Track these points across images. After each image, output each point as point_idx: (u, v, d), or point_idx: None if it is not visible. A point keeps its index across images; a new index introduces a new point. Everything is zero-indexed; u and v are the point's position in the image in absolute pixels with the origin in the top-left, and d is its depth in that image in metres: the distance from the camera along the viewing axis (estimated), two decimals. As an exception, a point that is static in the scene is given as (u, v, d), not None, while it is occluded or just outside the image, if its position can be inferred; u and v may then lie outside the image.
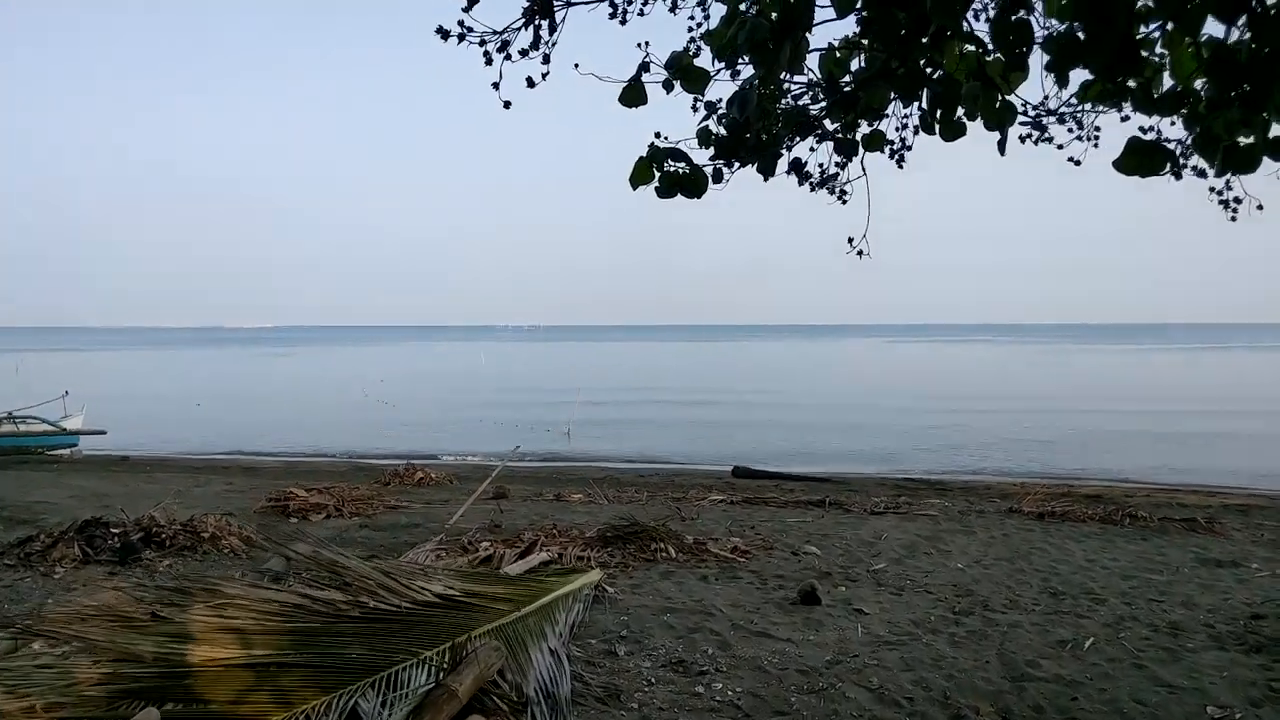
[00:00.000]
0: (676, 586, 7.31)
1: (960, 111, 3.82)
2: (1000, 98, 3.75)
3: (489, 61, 3.37)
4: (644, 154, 3.95)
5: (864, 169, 4.33)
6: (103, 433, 22.87)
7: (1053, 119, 4.52)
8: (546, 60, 3.60)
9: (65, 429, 22.00)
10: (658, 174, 3.98)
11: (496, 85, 3.41)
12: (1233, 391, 44.98)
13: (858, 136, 4.48)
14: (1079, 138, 4.84)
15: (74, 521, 8.79)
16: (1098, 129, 4.82)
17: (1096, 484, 19.64)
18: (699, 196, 4.09)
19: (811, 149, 4.54)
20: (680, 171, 4.00)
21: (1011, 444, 26.71)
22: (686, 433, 29.89)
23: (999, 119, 3.73)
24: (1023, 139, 4.20)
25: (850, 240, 4.42)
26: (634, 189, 3.95)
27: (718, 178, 4.17)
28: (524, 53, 3.55)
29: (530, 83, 3.62)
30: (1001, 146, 3.76)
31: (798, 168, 4.62)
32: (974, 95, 3.66)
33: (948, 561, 8.78)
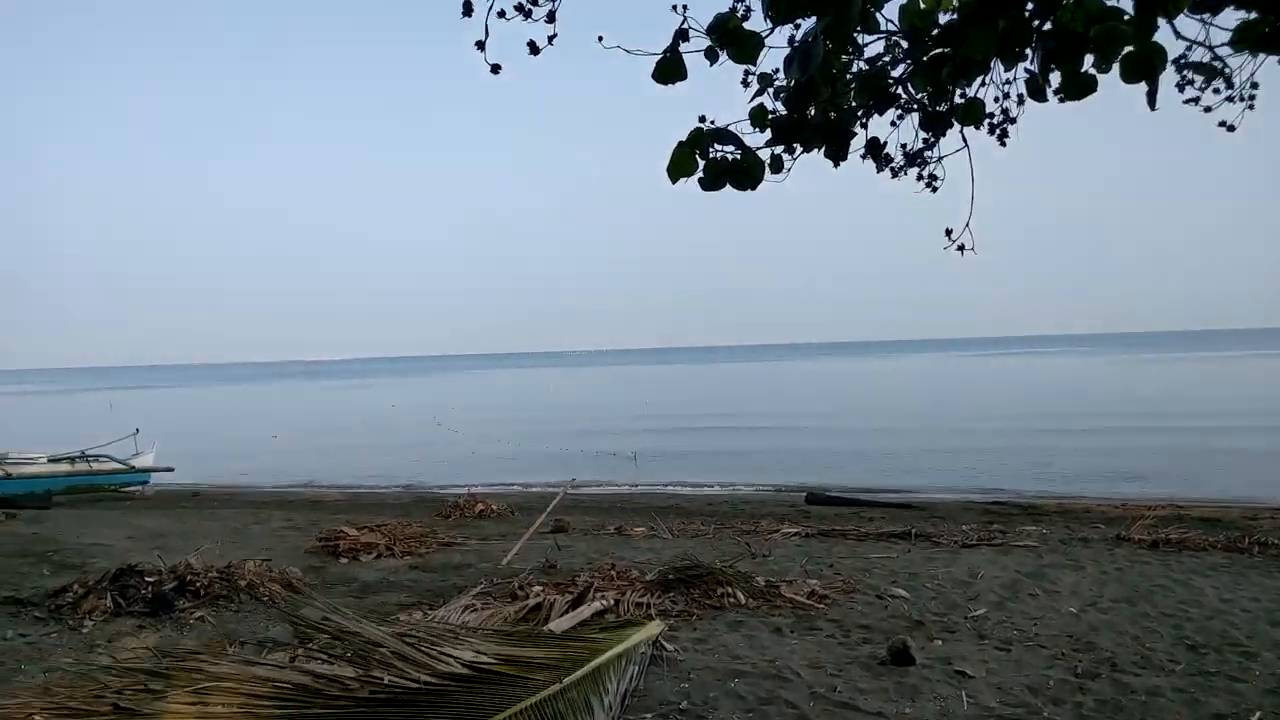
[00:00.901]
0: (746, 641, 6.45)
1: (1089, 61, 2.94)
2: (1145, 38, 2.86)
3: (468, 11, 2.65)
4: (684, 139, 3.19)
5: (964, 139, 3.49)
6: (170, 469, 22.96)
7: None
8: (552, 19, 2.87)
9: (134, 466, 22.10)
10: (702, 162, 3.21)
11: (481, 45, 2.69)
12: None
13: (949, 107, 3.64)
14: (1230, 97, 3.90)
15: (109, 570, 8.34)
16: (1255, 86, 3.88)
17: (1208, 505, 18.00)
18: (753, 187, 3.30)
19: (893, 123, 3.73)
20: (729, 158, 3.22)
21: (1105, 462, 25.00)
22: (756, 457, 28.85)
23: (1146, 65, 2.82)
24: (1181, 85, 3.28)
25: (949, 233, 3.59)
26: (673, 181, 3.19)
27: (776, 166, 3.37)
28: (523, 9, 2.82)
29: (533, 48, 2.90)
30: (1152, 99, 2.88)
31: (875, 149, 3.81)
32: (1113, 36, 2.76)
33: (1057, 604, 7.73)
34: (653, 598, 7.74)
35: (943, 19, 3.36)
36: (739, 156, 3.16)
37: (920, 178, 3.86)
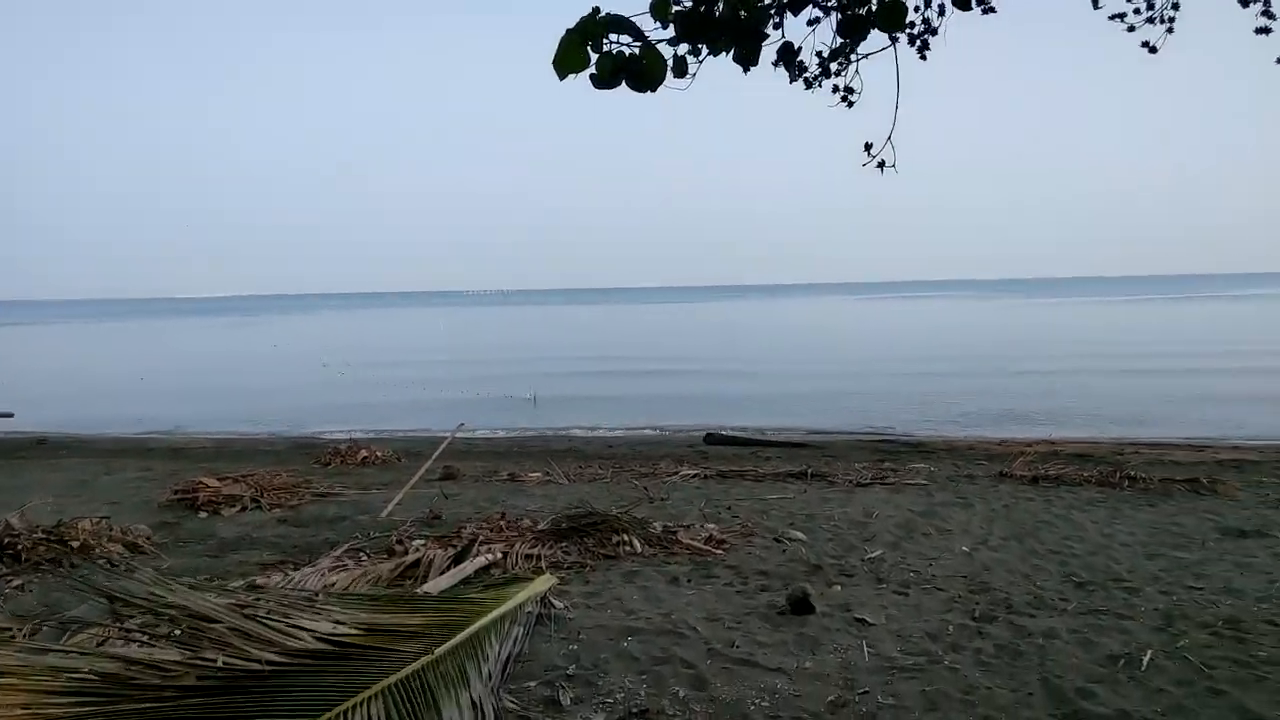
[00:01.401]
0: (641, 593, 6.14)
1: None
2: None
3: None
4: (573, 26, 2.69)
5: (893, 40, 3.09)
6: (9, 415, 21.01)
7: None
8: None
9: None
10: (594, 55, 2.72)
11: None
12: (1208, 343, 44.64)
13: (868, 10, 3.23)
14: (1151, 19, 3.68)
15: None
16: (1176, 8, 3.64)
17: (1081, 441, 18.75)
18: (652, 89, 2.81)
19: (810, 22, 3.31)
20: (626, 52, 2.73)
21: (987, 401, 25.84)
22: (656, 399, 28.70)
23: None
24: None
25: (869, 148, 3.21)
26: (560, 77, 2.67)
27: (680, 69, 2.89)
28: None
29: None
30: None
31: (788, 54, 3.38)
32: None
33: (950, 544, 7.72)
34: (544, 549, 7.36)
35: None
36: (638, 52, 2.68)
37: (836, 89, 3.46)
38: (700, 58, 2.97)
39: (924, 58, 3.59)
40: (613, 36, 2.68)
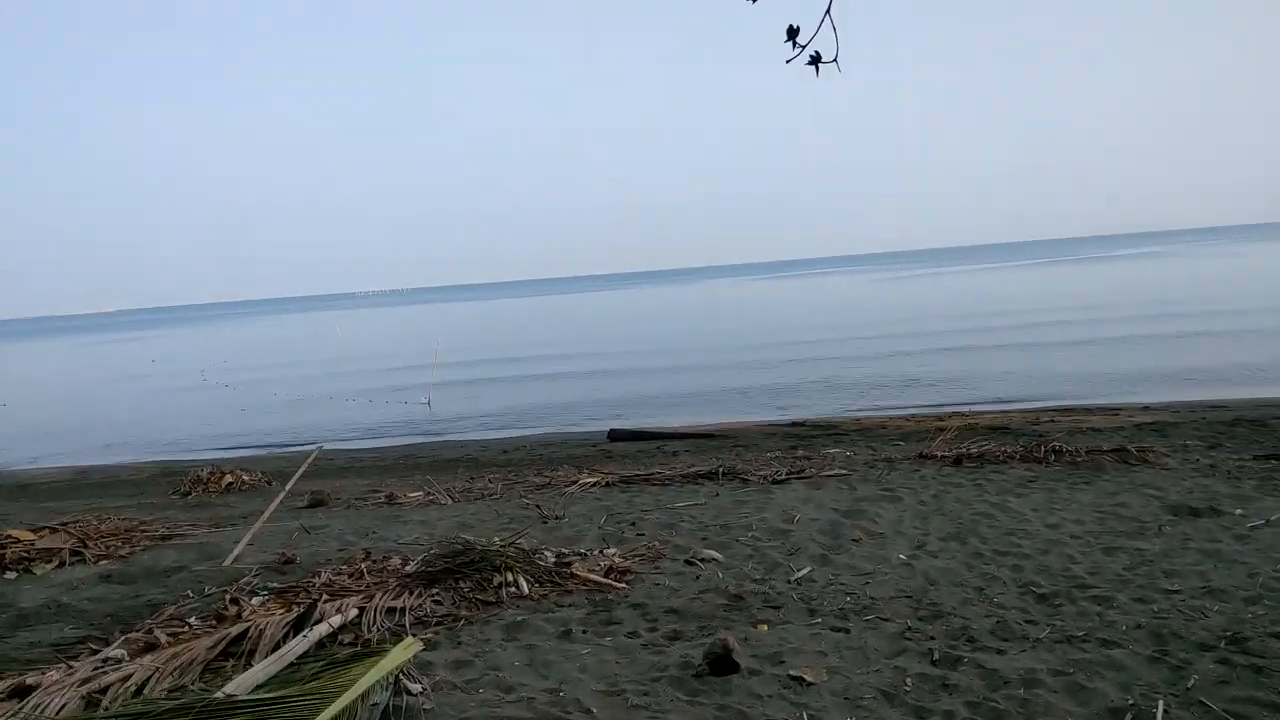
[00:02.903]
0: (525, 655, 4.94)
1: None
2: None
3: None
4: None
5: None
6: None
7: None
8: None
9: None
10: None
11: None
12: (1086, 302, 45.77)
13: None
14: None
15: None
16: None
17: (993, 412, 18.35)
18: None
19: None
20: None
21: (886, 376, 25.50)
22: (558, 393, 27.46)
23: None
24: None
25: (793, 34, 2.07)
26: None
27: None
28: None
29: None
30: None
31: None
32: None
33: (885, 550, 6.76)
34: (410, 599, 6.09)
35: None
36: None
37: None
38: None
39: None
40: None
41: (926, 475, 10.12)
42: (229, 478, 14.33)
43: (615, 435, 17.35)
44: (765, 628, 5.16)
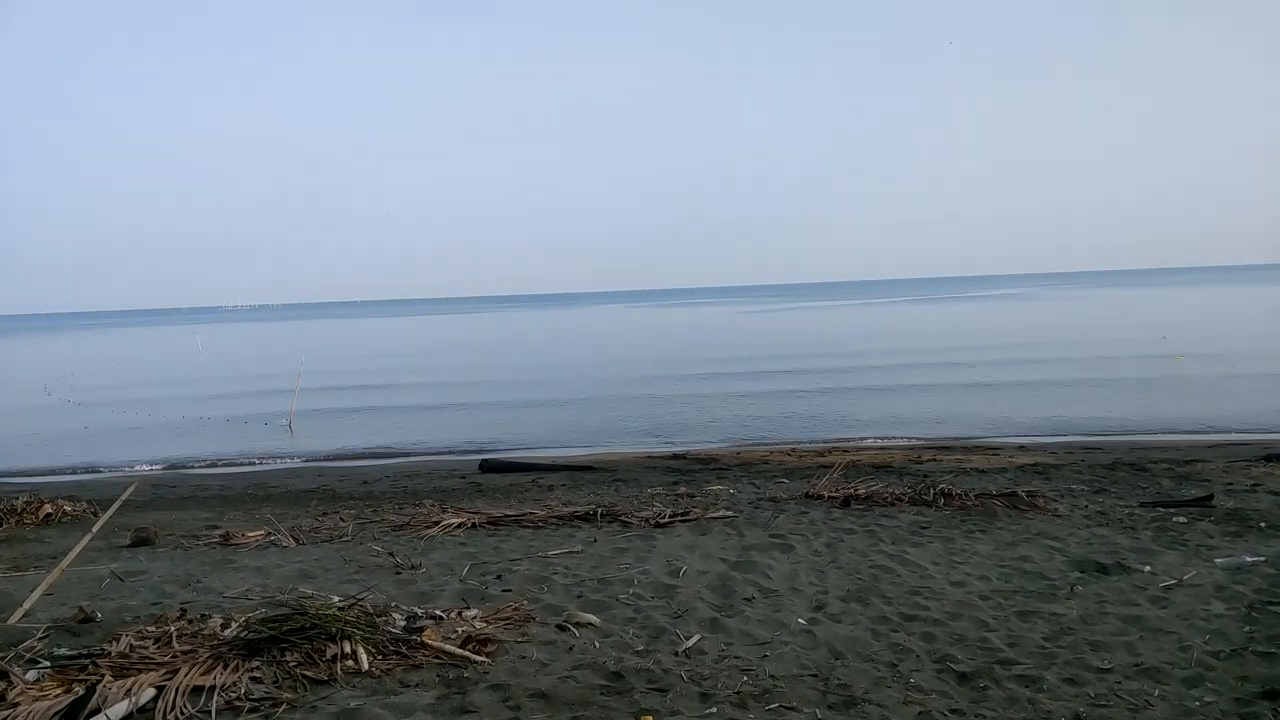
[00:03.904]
0: (353, 764, 3.97)
1: None
2: None
3: None
4: None
5: None
6: None
7: None
8: None
9: None
10: None
11: None
12: (958, 340, 47.33)
13: None
14: None
15: None
16: None
17: (872, 447, 18.21)
18: None
19: None
20: None
21: (765, 407, 25.31)
22: (431, 418, 26.10)
23: None
24: None
25: None
26: None
27: None
28: None
29: None
30: None
31: None
32: None
33: (782, 613, 6.05)
34: (224, 674, 4.99)
35: None
36: None
37: None
38: None
39: None
40: None
41: (815, 519, 9.58)
42: (48, 508, 12.57)
43: (487, 466, 16.29)
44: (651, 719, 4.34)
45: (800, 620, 5.88)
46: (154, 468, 19.56)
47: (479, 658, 5.27)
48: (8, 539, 11.14)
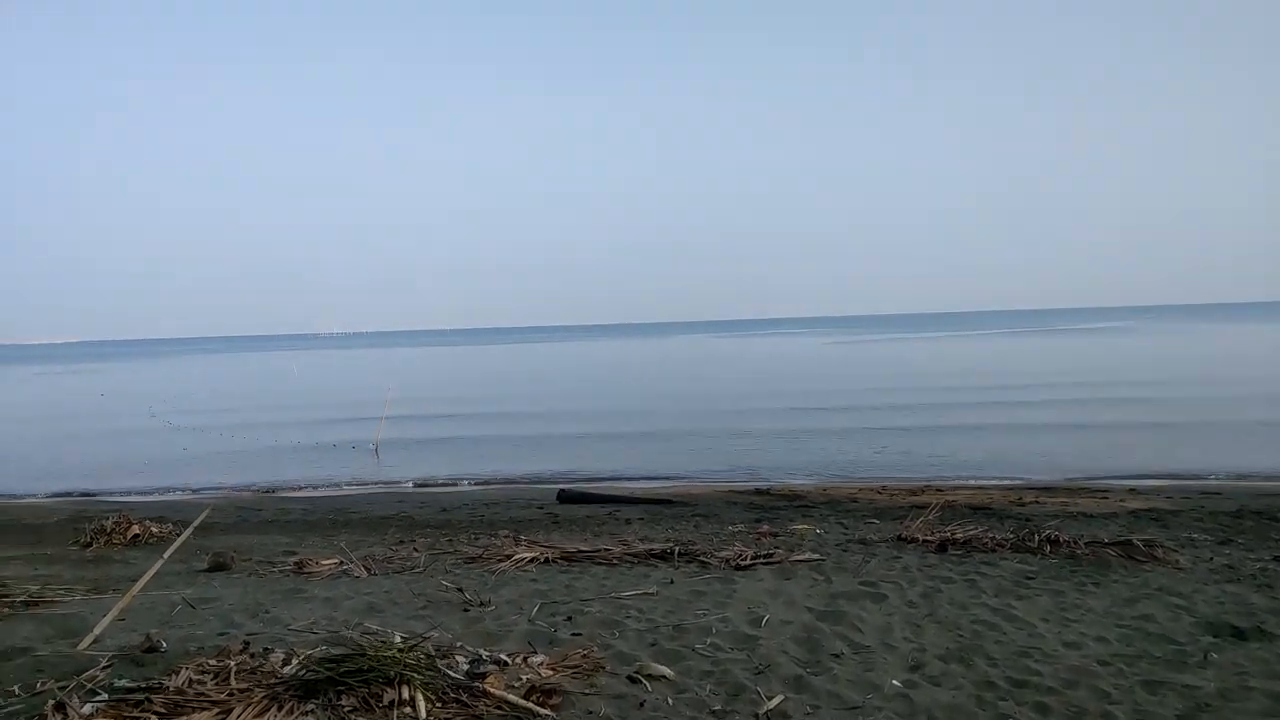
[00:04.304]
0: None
1: None
2: None
3: None
4: None
5: None
6: None
7: None
8: None
9: None
10: None
11: None
12: (1055, 376, 45.35)
13: None
14: None
15: None
16: None
17: (968, 487, 17.27)
18: None
19: None
20: None
21: (853, 442, 24.44)
22: (512, 446, 26.08)
23: None
24: None
25: None
26: None
27: None
28: None
29: None
30: None
31: None
32: None
33: (875, 673, 5.51)
34: (279, 717, 4.74)
35: None
36: None
37: None
38: None
39: None
40: None
41: (909, 564, 8.95)
42: (136, 529, 12.79)
43: (565, 497, 16.02)
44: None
45: (895, 682, 5.34)
46: (242, 491, 19.91)
47: (544, 711, 4.90)
48: (95, 560, 11.33)
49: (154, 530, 12.95)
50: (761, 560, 9.02)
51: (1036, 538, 9.84)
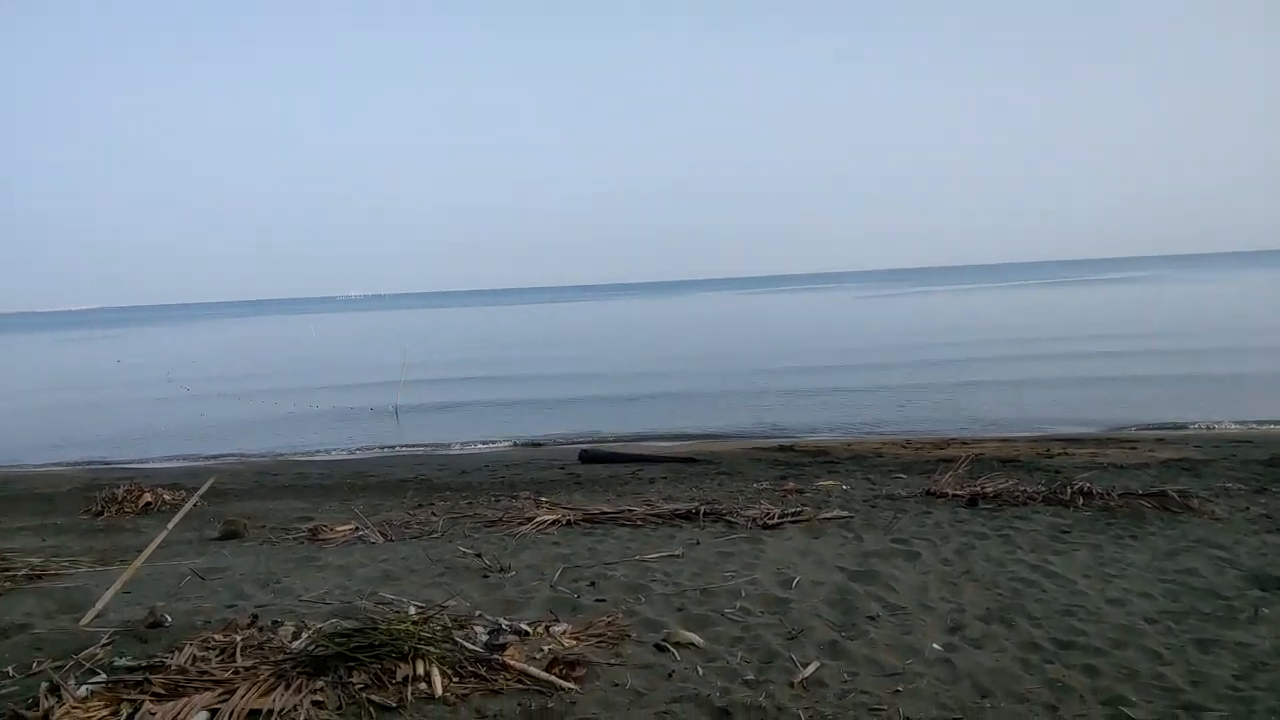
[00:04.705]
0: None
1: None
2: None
3: None
4: None
5: None
6: None
7: None
8: None
9: None
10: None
11: None
12: (1076, 327, 44.66)
13: None
14: None
15: None
16: None
17: (994, 439, 16.92)
18: None
19: None
20: None
21: (877, 395, 24.11)
22: (533, 406, 25.91)
23: None
24: None
25: None
26: None
27: None
28: None
29: None
30: None
31: None
32: None
33: (913, 635, 5.26)
34: (284, 696, 4.54)
35: None
36: None
37: None
38: None
39: None
40: None
41: (941, 520, 8.68)
42: (148, 496, 12.61)
43: (587, 457, 15.82)
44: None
45: (935, 645, 5.08)
46: (260, 456, 19.83)
47: (567, 684, 4.67)
48: (106, 528, 11.16)
49: (166, 497, 12.78)
50: (789, 518, 8.76)
51: (1069, 490, 9.55)
